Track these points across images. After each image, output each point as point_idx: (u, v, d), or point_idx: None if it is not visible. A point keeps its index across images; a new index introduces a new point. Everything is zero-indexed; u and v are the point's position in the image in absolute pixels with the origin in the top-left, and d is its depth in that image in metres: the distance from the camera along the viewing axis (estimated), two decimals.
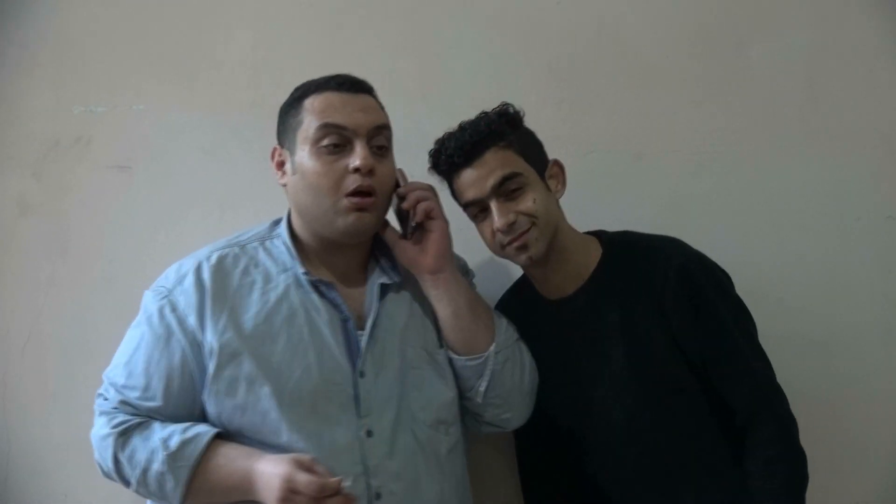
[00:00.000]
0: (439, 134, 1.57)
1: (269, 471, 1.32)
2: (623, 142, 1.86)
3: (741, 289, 1.84)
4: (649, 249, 1.54)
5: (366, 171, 1.41)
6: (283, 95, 1.51)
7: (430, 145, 1.55)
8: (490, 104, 1.54)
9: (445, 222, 1.51)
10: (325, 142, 1.42)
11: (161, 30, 1.89)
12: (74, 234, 1.88)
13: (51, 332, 1.87)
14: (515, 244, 1.50)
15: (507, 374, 1.51)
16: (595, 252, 1.57)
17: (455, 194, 1.55)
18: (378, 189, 1.44)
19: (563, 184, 1.57)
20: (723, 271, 1.56)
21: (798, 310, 1.85)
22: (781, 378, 1.85)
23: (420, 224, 1.50)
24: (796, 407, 1.86)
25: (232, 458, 1.36)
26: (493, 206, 1.48)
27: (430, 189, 1.51)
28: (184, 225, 1.85)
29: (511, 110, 1.53)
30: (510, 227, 1.48)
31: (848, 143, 1.85)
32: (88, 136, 1.88)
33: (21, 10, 1.88)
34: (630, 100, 1.86)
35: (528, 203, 1.48)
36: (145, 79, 1.88)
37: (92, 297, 1.86)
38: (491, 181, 1.47)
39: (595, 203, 1.85)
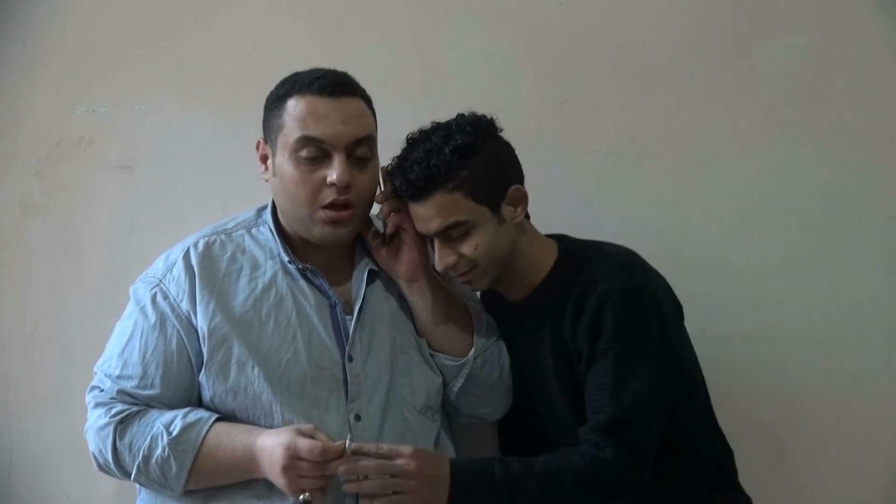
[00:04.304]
0: None
1: (271, 442, 1.33)
2: (625, 142, 1.86)
3: (743, 289, 1.85)
4: (591, 273, 1.48)
5: (342, 187, 1.40)
6: None
7: None
8: (492, 105, 1.53)
9: (417, 233, 1.49)
10: (304, 153, 1.40)
11: (163, 30, 1.88)
12: (76, 235, 1.88)
13: (53, 332, 1.87)
14: (460, 280, 1.53)
15: (486, 375, 1.54)
16: (550, 261, 1.55)
17: None
18: (356, 201, 1.43)
19: (524, 208, 1.52)
20: (656, 306, 1.46)
21: (800, 310, 1.85)
22: (783, 377, 1.86)
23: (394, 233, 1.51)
24: (799, 407, 1.88)
25: (233, 435, 1.37)
26: (436, 246, 1.48)
27: None
28: (186, 225, 1.84)
29: (469, 140, 1.44)
30: (451, 267, 1.48)
31: (850, 142, 1.85)
32: (90, 137, 1.88)
33: (23, 10, 1.88)
34: (632, 100, 1.86)
35: (470, 248, 1.46)
36: (147, 79, 1.88)
37: (94, 297, 1.87)
38: (434, 225, 1.45)
39: (597, 204, 1.85)
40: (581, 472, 1.41)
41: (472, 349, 1.52)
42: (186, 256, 1.48)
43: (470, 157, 1.44)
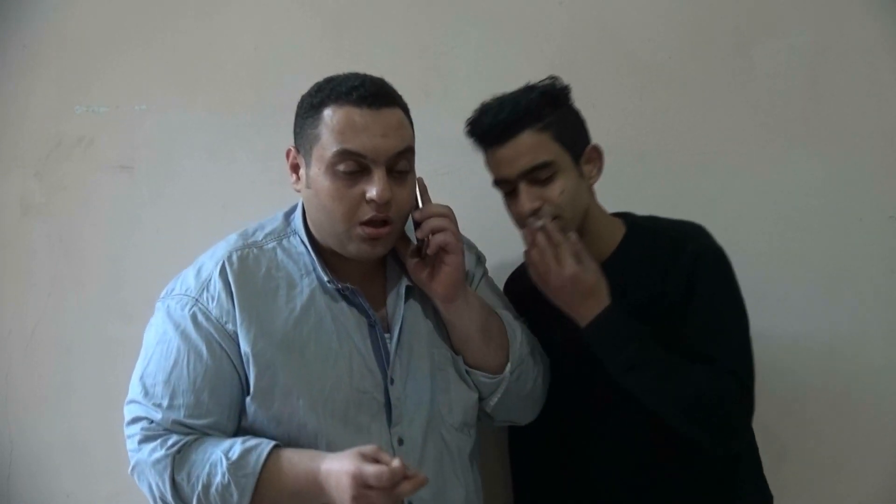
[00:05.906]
0: (442, 134, 1.57)
1: (337, 469, 1.25)
2: (625, 142, 1.85)
3: (743, 289, 1.84)
4: (672, 240, 1.52)
5: (382, 203, 1.33)
6: (285, 96, 1.49)
7: (433, 146, 1.53)
8: None
9: (461, 254, 1.42)
10: (342, 167, 1.33)
11: (163, 30, 1.88)
12: (77, 235, 1.88)
13: (53, 333, 1.87)
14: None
15: (521, 386, 1.50)
16: (618, 235, 1.57)
17: (487, 165, 1.52)
18: (395, 217, 1.37)
19: (600, 170, 1.55)
20: (733, 272, 1.54)
21: (800, 310, 1.85)
22: (783, 378, 1.86)
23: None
24: (799, 407, 1.87)
25: (295, 462, 1.30)
26: (522, 189, 1.46)
27: (448, 215, 1.42)
28: (186, 225, 1.85)
29: (557, 86, 1.49)
30: (535, 212, 1.46)
31: (850, 142, 1.85)
32: (91, 137, 1.88)
33: (23, 10, 1.88)
34: (632, 100, 1.86)
35: (555, 192, 1.46)
36: (147, 79, 1.88)
37: (94, 297, 1.87)
38: (521, 165, 1.44)
39: None
40: (705, 386, 1.40)
41: (509, 364, 1.47)
42: (223, 273, 1.38)
43: (557, 103, 1.49)
